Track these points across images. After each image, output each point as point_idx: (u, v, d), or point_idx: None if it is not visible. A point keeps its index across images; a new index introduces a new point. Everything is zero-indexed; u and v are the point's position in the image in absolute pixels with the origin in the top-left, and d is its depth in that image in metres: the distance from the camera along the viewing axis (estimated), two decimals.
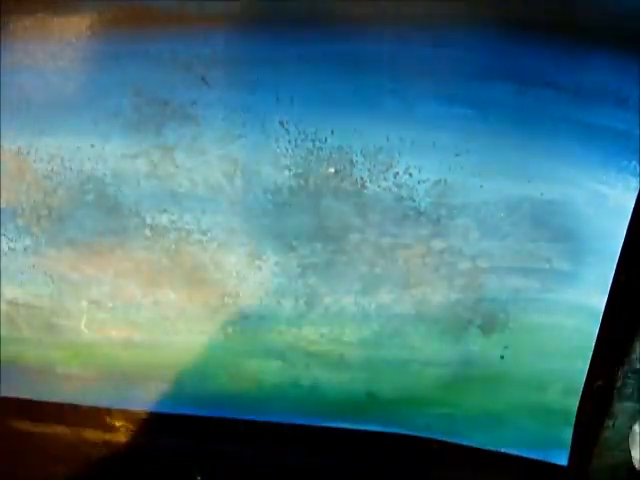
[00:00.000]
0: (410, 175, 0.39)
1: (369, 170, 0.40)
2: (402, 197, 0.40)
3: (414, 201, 0.40)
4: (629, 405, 0.43)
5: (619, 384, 0.43)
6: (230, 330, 0.47)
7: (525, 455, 0.47)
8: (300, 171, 0.41)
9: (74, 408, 0.54)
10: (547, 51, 0.35)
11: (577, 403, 0.43)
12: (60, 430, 0.55)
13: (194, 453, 0.53)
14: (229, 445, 0.52)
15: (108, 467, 0.55)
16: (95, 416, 0.54)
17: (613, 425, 0.44)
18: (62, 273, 0.48)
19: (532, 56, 0.35)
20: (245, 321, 0.46)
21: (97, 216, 0.45)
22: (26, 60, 0.41)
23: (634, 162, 0.36)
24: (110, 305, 0.48)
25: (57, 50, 0.41)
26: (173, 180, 0.43)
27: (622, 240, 0.37)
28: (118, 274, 0.47)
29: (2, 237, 0.47)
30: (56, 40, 0.41)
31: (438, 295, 0.42)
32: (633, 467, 0.44)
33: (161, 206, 0.44)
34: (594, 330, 0.40)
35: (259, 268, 0.44)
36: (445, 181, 0.39)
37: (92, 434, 0.55)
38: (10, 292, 0.50)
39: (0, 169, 0.45)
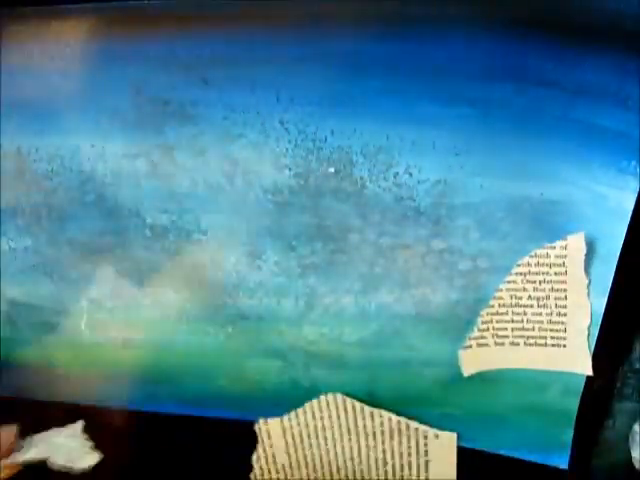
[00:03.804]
0: (410, 175, 0.39)
1: (369, 170, 0.40)
2: (402, 197, 0.40)
3: (414, 201, 0.40)
4: (629, 405, 0.43)
5: (619, 384, 0.43)
6: (230, 330, 0.47)
7: (525, 456, 0.47)
8: (300, 171, 0.41)
9: (74, 408, 0.54)
10: (547, 51, 0.35)
11: (577, 403, 0.43)
12: None
13: (194, 453, 0.53)
14: (229, 445, 0.52)
15: (108, 467, 0.55)
16: (95, 416, 0.54)
17: (613, 425, 0.44)
18: (62, 273, 0.48)
19: (532, 56, 0.35)
20: (245, 321, 0.47)
21: (97, 216, 0.45)
22: (26, 60, 0.41)
23: (634, 162, 0.36)
24: (110, 305, 0.48)
25: (57, 50, 0.41)
26: (173, 180, 0.43)
27: (622, 240, 0.37)
28: (118, 274, 0.47)
29: (2, 237, 0.47)
30: (56, 40, 0.41)
31: (438, 295, 0.42)
32: (633, 467, 0.44)
33: (161, 206, 0.44)
34: (594, 330, 0.40)
35: (259, 268, 0.44)
36: (445, 181, 0.39)
37: (92, 434, 0.55)
38: (10, 292, 0.50)
39: (0, 169, 0.45)
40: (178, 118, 0.41)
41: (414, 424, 0.47)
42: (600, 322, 0.40)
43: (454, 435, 0.47)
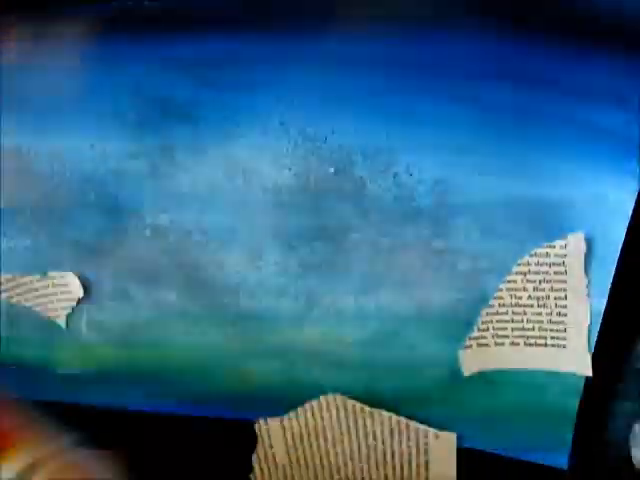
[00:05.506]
0: (410, 175, 0.39)
1: (369, 170, 0.40)
2: (402, 197, 0.40)
3: (414, 201, 0.40)
4: (629, 405, 0.43)
5: (619, 384, 0.43)
6: (230, 330, 0.47)
7: (525, 456, 0.47)
8: (300, 171, 0.41)
9: (74, 408, 0.54)
10: (547, 51, 0.35)
11: (577, 403, 0.43)
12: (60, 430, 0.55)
13: (194, 453, 0.53)
14: (228, 445, 0.52)
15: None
16: (96, 416, 0.54)
17: (613, 425, 0.44)
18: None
19: (532, 56, 0.35)
20: (245, 321, 0.47)
21: (97, 216, 0.45)
22: (26, 60, 0.41)
23: (634, 162, 0.36)
24: (110, 305, 0.48)
25: (57, 50, 0.41)
26: (173, 180, 0.43)
27: (622, 240, 0.37)
28: (118, 274, 0.47)
29: (2, 237, 0.47)
30: (56, 40, 0.41)
31: (438, 295, 0.42)
32: (633, 467, 0.44)
33: (161, 206, 0.44)
34: (594, 330, 0.40)
35: (259, 268, 0.44)
36: (445, 181, 0.39)
37: (92, 434, 0.54)
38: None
39: (0, 169, 0.45)
40: (178, 118, 0.41)
41: (414, 424, 0.47)
42: (600, 322, 0.40)
43: (454, 435, 0.47)
